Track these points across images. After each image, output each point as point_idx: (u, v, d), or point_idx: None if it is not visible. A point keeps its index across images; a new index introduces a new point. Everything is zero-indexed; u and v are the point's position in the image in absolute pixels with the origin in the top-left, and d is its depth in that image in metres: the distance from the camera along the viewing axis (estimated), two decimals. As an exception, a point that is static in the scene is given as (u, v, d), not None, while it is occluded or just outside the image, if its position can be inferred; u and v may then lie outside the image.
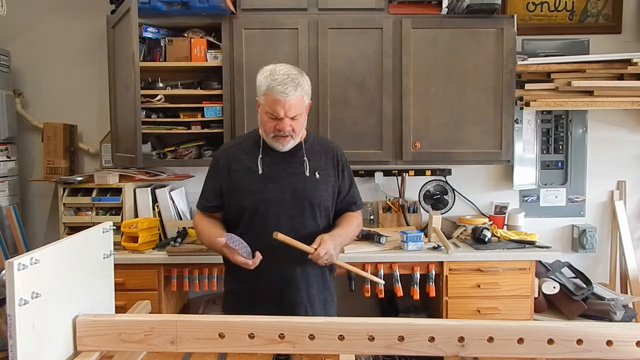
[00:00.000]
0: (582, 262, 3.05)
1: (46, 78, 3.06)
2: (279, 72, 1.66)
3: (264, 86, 1.66)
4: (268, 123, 1.69)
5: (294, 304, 1.74)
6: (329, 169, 1.81)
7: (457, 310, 2.51)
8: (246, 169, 1.75)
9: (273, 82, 1.64)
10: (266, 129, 1.71)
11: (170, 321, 1.13)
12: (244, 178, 1.74)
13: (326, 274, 1.84)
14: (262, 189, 1.72)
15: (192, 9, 2.59)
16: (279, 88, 1.63)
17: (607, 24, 3.04)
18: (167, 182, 2.94)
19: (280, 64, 1.71)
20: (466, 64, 2.69)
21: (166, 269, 2.49)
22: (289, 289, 1.74)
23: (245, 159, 1.77)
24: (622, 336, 1.07)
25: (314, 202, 1.74)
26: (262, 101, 1.69)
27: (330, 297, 1.86)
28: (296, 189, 1.74)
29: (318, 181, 1.77)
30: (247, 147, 1.80)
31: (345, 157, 1.88)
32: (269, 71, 1.68)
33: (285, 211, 1.73)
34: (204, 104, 2.74)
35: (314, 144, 1.83)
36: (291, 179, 1.74)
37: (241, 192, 1.74)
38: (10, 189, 2.88)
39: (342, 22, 2.67)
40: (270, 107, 1.66)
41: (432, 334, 1.09)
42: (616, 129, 3.09)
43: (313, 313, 1.77)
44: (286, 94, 1.63)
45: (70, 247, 1.14)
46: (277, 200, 1.72)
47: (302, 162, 1.76)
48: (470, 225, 2.84)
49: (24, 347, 0.95)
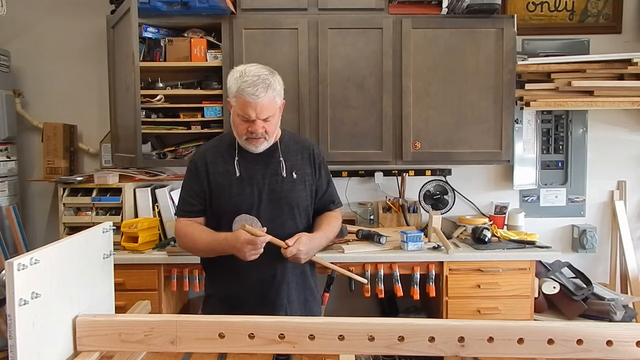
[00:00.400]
0: (582, 262, 3.05)
1: (46, 78, 3.06)
2: (249, 73, 1.62)
3: (234, 88, 1.62)
4: (240, 125, 1.66)
5: (273, 305, 1.71)
6: (306, 167, 1.79)
7: (457, 310, 2.51)
8: (223, 172, 1.73)
9: (243, 83, 1.60)
10: (238, 131, 1.68)
11: (170, 321, 1.13)
12: (222, 181, 1.72)
13: (307, 273, 1.82)
14: (240, 192, 1.70)
15: (192, 9, 2.59)
16: (249, 90, 1.59)
17: (607, 24, 3.04)
18: (167, 182, 2.94)
19: (251, 65, 1.67)
20: (466, 64, 2.69)
21: (166, 269, 2.49)
22: (270, 291, 1.72)
23: (221, 162, 1.74)
24: (622, 336, 1.07)
25: (292, 203, 1.73)
26: (234, 103, 1.66)
27: (312, 297, 1.83)
28: (274, 190, 1.72)
29: (295, 181, 1.74)
30: (222, 149, 1.77)
31: (322, 156, 1.85)
32: (239, 72, 1.64)
33: (264, 213, 1.70)
34: (204, 104, 2.73)
35: (290, 143, 1.80)
36: (268, 180, 1.72)
37: (220, 196, 1.72)
38: (10, 189, 2.88)
39: (342, 22, 2.67)
40: (242, 109, 1.62)
41: (432, 334, 1.09)
42: (616, 129, 3.09)
43: (292, 313, 1.74)
44: (257, 95, 1.59)
45: (70, 247, 1.14)
46: (255, 203, 1.70)
47: (279, 162, 1.74)
48: (470, 225, 2.84)
49: (24, 347, 0.95)
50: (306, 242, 1.64)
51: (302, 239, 1.64)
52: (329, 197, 1.85)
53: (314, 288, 1.85)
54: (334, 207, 1.87)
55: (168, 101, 2.77)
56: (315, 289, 1.86)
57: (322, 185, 1.83)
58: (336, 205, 1.88)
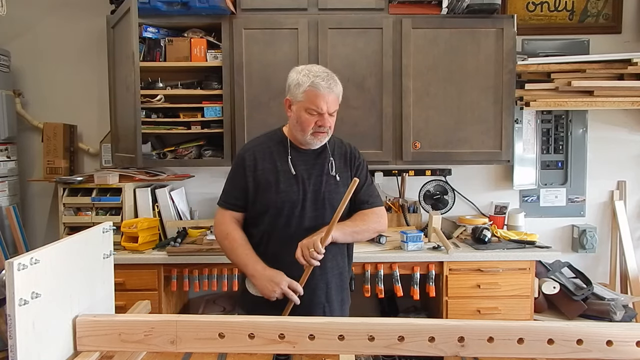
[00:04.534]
0: (582, 262, 3.05)
1: (46, 78, 3.06)
2: (317, 70, 1.71)
3: (306, 83, 1.68)
4: (308, 120, 1.70)
5: (311, 303, 1.74)
6: (347, 169, 1.83)
7: (457, 310, 2.51)
8: (272, 168, 1.76)
9: (316, 78, 1.68)
10: (305, 126, 1.71)
11: (170, 321, 1.13)
12: (270, 178, 1.75)
13: (344, 274, 1.85)
14: (288, 189, 1.73)
15: (192, 9, 2.59)
16: (323, 83, 1.67)
17: (607, 24, 3.04)
18: (167, 182, 2.94)
19: (312, 65, 1.78)
20: (466, 64, 2.69)
21: (166, 269, 2.49)
22: (307, 289, 1.72)
23: (271, 158, 1.77)
24: (622, 336, 1.07)
25: (334, 203, 1.73)
26: (302, 98, 1.70)
27: (347, 299, 1.87)
28: (318, 190, 1.75)
29: (338, 183, 1.78)
30: (272, 145, 1.80)
31: (362, 159, 1.89)
32: (306, 70, 1.72)
33: (307, 212, 1.74)
34: (204, 104, 2.73)
35: (336, 145, 1.86)
36: (314, 180, 1.76)
37: (267, 192, 1.74)
38: (10, 189, 2.88)
39: (342, 22, 2.66)
40: (313, 103, 1.68)
41: (432, 334, 1.09)
42: (616, 129, 3.09)
43: (331, 313, 1.77)
44: (330, 88, 1.68)
45: (70, 247, 1.14)
46: (300, 201, 1.73)
47: (328, 162, 1.79)
48: (470, 225, 2.84)
49: (24, 347, 0.95)
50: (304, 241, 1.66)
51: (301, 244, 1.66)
52: (363, 197, 1.84)
53: (348, 290, 1.89)
54: (367, 206, 1.85)
55: (168, 101, 2.77)
56: (349, 291, 1.90)
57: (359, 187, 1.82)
58: (369, 205, 1.85)
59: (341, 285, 1.83)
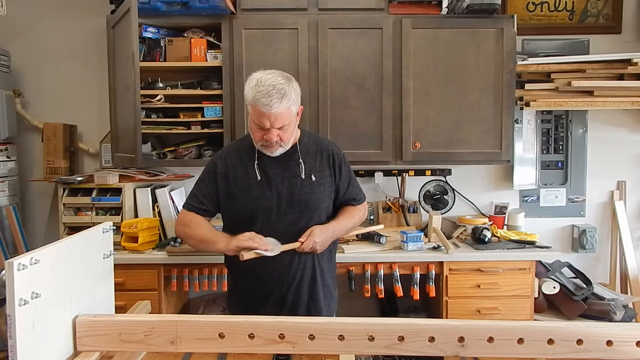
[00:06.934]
0: (582, 262, 3.05)
1: (46, 78, 3.06)
2: (264, 82, 1.61)
3: (250, 97, 1.64)
4: (256, 132, 1.69)
5: (295, 303, 1.75)
6: (325, 169, 1.80)
7: (457, 310, 2.51)
8: (243, 175, 1.74)
9: (258, 93, 1.60)
10: (254, 138, 1.71)
11: (170, 321, 1.13)
12: (242, 185, 1.74)
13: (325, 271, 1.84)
14: (261, 195, 1.72)
15: (192, 9, 2.59)
16: (263, 100, 1.59)
17: (607, 24, 3.04)
18: (167, 182, 2.94)
19: (268, 72, 1.66)
20: (466, 64, 2.69)
21: (166, 269, 2.49)
22: (290, 288, 1.75)
23: (241, 165, 1.76)
24: (622, 336, 1.08)
25: (311, 205, 1.74)
26: (249, 110, 1.68)
27: (329, 294, 1.86)
28: (293, 193, 1.73)
29: (314, 184, 1.75)
30: (243, 152, 1.79)
31: (342, 155, 1.86)
32: (256, 81, 1.64)
33: (284, 217, 1.72)
34: (204, 104, 2.73)
35: (309, 145, 1.81)
36: (287, 184, 1.73)
37: (239, 200, 1.73)
38: (10, 189, 2.88)
39: (342, 22, 2.66)
40: (257, 118, 1.64)
41: (432, 334, 1.09)
42: (616, 129, 3.09)
43: (317, 311, 1.78)
44: (270, 106, 1.59)
45: (70, 247, 1.14)
46: (275, 207, 1.72)
47: (298, 165, 1.75)
48: (470, 225, 2.84)
49: (24, 347, 0.95)
50: (319, 233, 1.69)
51: (315, 232, 1.68)
52: (349, 195, 1.86)
53: (331, 286, 1.88)
54: (355, 203, 1.88)
55: (168, 101, 2.77)
56: (332, 287, 1.89)
57: (343, 185, 1.84)
58: (357, 202, 1.89)
59: (323, 283, 1.82)
